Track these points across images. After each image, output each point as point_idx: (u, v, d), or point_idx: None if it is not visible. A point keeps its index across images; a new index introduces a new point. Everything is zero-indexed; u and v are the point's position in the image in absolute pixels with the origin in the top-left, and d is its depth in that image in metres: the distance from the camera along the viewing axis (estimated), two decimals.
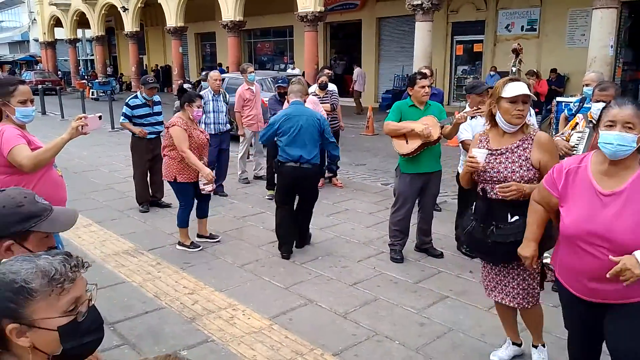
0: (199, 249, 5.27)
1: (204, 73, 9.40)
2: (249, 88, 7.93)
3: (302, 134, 4.91)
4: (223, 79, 14.78)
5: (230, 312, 3.94)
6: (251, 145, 8.27)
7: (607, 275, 2.13)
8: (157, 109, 6.75)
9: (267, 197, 7.18)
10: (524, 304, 3.00)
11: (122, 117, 6.57)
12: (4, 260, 1.19)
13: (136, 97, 6.67)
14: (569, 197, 2.34)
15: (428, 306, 4.04)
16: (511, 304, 3.04)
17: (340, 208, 6.71)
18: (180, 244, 5.32)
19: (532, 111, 4.76)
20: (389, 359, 3.34)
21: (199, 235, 5.50)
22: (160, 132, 6.76)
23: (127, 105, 6.56)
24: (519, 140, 2.88)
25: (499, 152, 2.90)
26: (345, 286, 4.42)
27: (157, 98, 6.78)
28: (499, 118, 2.88)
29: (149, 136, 6.61)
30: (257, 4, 20.20)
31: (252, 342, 3.52)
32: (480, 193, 3.01)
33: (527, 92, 2.80)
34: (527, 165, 2.84)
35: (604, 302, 2.31)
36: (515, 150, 2.87)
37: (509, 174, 2.85)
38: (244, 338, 3.57)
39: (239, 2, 19.05)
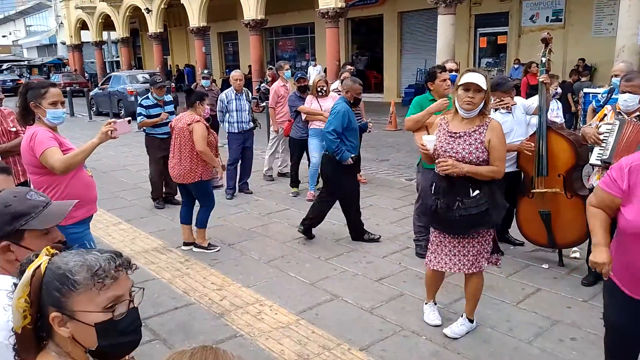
0: (217, 249, 5.20)
1: (206, 71, 9.37)
2: (284, 85, 8.02)
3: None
4: (111, 77, 15.16)
5: (257, 308, 4.00)
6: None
7: None
8: (168, 108, 6.72)
9: (291, 194, 7.23)
10: (473, 269, 3.36)
11: (140, 118, 6.60)
12: (63, 253, 1.23)
13: (147, 97, 6.69)
14: (634, 195, 2.21)
15: (455, 301, 4.03)
16: (460, 271, 3.40)
17: (364, 204, 6.69)
18: (197, 246, 5.20)
19: (559, 104, 4.67)
20: (416, 354, 3.35)
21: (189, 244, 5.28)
22: None
23: (141, 105, 6.61)
24: (476, 126, 3.22)
25: (457, 135, 3.24)
26: (371, 282, 4.43)
27: (168, 97, 6.80)
28: (456, 104, 3.24)
29: (161, 136, 6.62)
30: (278, 2, 20.28)
31: (280, 337, 3.57)
32: (442, 173, 3.29)
33: (476, 81, 3.11)
34: (482, 148, 3.19)
35: None
36: (472, 134, 3.21)
37: (467, 155, 3.19)
38: (271, 333, 3.62)
39: (260, 1, 19.13)
